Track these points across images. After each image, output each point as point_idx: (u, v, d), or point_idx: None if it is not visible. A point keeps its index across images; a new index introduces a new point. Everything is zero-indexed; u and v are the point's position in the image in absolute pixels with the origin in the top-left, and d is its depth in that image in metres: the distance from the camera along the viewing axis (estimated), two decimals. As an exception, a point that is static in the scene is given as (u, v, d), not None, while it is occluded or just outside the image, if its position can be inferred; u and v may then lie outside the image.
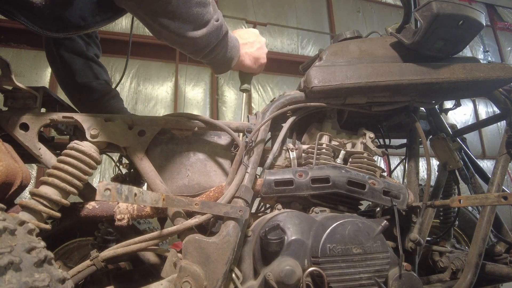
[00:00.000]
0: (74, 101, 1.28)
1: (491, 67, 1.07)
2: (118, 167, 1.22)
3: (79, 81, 1.23)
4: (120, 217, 0.87)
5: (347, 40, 1.15)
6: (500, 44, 7.26)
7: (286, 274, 0.77)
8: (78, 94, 1.27)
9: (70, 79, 1.24)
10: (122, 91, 4.61)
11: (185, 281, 0.75)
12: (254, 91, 5.18)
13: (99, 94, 1.28)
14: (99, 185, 0.62)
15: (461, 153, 1.31)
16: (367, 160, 1.02)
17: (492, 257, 1.19)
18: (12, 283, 0.46)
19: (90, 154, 0.86)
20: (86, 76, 1.25)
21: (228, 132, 0.99)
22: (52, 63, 1.25)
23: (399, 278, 0.86)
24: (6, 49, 4.20)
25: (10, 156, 0.81)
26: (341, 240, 0.83)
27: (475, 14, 0.97)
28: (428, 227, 1.12)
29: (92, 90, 1.26)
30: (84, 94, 1.26)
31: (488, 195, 0.88)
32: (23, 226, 0.58)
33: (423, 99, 1.11)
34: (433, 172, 1.22)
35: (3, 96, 0.94)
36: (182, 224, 0.83)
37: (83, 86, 1.25)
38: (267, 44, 1.08)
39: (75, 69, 1.23)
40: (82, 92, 1.26)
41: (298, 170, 0.95)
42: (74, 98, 1.29)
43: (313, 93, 1.01)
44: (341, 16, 6.30)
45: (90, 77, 1.26)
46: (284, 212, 0.89)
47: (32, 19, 0.85)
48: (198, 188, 1.00)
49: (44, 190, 0.79)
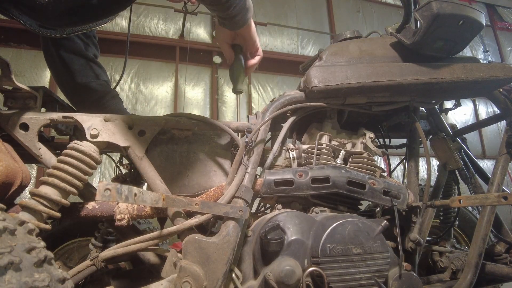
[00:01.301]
0: (73, 102, 1.28)
1: (491, 67, 1.07)
2: (118, 168, 1.22)
3: (79, 81, 1.23)
4: (120, 217, 0.87)
5: (347, 40, 1.15)
6: (500, 44, 7.26)
7: (286, 274, 0.77)
8: (77, 95, 1.27)
9: (69, 79, 1.23)
10: (122, 91, 4.61)
11: (185, 281, 0.75)
12: (254, 91, 5.18)
13: (99, 94, 1.27)
14: (99, 185, 0.62)
15: (461, 153, 1.31)
16: (367, 160, 1.02)
17: (492, 257, 1.19)
18: (12, 283, 0.46)
19: (90, 154, 0.86)
20: (86, 76, 1.25)
21: (228, 132, 0.99)
22: (51, 64, 1.24)
23: (399, 278, 0.86)
24: (6, 49, 4.20)
25: (10, 156, 0.81)
26: (341, 240, 0.83)
27: (475, 14, 0.97)
28: (428, 227, 1.12)
29: (92, 91, 1.26)
30: (84, 94, 1.26)
31: (488, 195, 0.88)
32: (23, 226, 0.58)
33: (423, 99, 1.11)
34: (433, 172, 1.22)
35: (3, 96, 0.94)
36: (182, 224, 0.83)
37: (83, 87, 1.24)
38: (267, 44, 1.09)
39: (74, 69, 1.22)
40: (82, 93, 1.26)
41: (298, 170, 0.95)
42: (73, 99, 1.28)
43: (313, 93, 1.01)
44: (341, 16, 6.30)
45: (90, 77, 1.26)
46: (284, 212, 0.89)
47: (34, 16, 0.84)
48: (198, 188, 1.00)
49: (44, 190, 0.79)
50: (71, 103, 1.27)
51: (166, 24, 5.16)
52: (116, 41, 4.37)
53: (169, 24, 5.18)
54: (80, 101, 1.28)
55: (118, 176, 1.22)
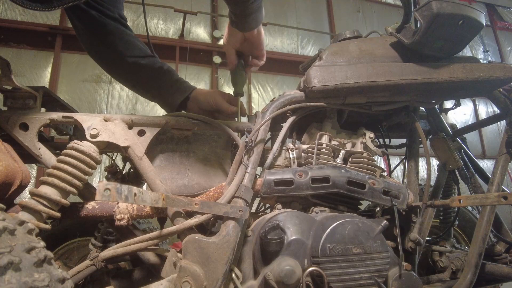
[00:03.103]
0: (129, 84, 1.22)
1: (491, 67, 1.07)
2: (113, 161, 1.22)
3: (128, 61, 1.16)
4: (120, 217, 0.87)
5: (347, 40, 1.15)
6: (500, 44, 7.27)
7: (286, 274, 0.77)
8: (133, 77, 1.21)
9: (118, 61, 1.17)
10: (122, 91, 4.61)
11: (185, 281, 0.75)
12: (254, 91, 5.18)
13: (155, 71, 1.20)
14: (99, 185, 0.62)
15: (461, 153, 1.31)
16: (367, 160, 1.02)
17: (492, 257, 1.19)
18: (12, 283, 0.46)
19: (90, 154, 0.86)
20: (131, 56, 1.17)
21: (228, 132, 0.99)
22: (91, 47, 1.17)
23: (399, 278, 0.86)
24: (6, 49, 4.20)
25: (10, 156, 0.81)
26: (341, 240, 0.83)
27: (475, 14, 0.97)
28: (428, 227, 1.12)
29: (145, 68, 1.18)
30: (140, 74, 1.19)
31: (488, 195, 0.88)
32: (23, 226, 0.58)
33: (423, 99, 1.11)
34: (433, 172, 1.22)
35: (3, 96, 0.94)
36: (182, 224, 0.83)
37: (135, 67, 1.17)
38: (267, 44, 1.09)
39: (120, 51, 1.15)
40: (138, 74, 1.19)
41: (298, 170, 0.95)
42: (128, 81, 1.22)
43: (313, 93, 1.01)
44: (341, 16, 6.31)
45: (136, 55, 1.18)
46: (284, 212, 0.89)
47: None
48: (198, 188, 1.00)
49: (44, 190, 0.79)
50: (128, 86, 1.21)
51: (166, 24, 5.17)
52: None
53: (169, 24, 5.18)
54: (136, 82, 1.21)
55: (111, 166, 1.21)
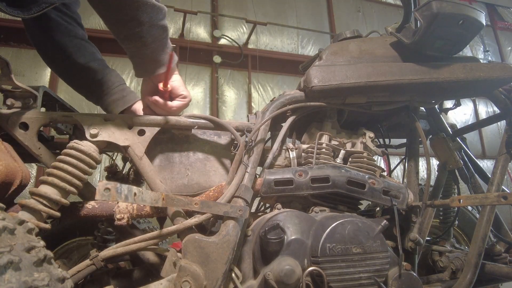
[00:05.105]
0: (75, 85, 1.23)
1: (491, 66, 1.07)
2: (113, 161, 1.22)
3: (78, 62, 1.17)
4: (120, 216, 0.87)
5: (347, 40, 1.15)
6: (500, 44, 7.27)
7: (286, 274, 0.77)
8: (78, 78, 1.21)
9: (66, 61, 1.17)
10: (122, 91, 4.59)
11: (184, 281, 0.75)
12: (254, 91, 5.18)
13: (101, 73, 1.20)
14: (98, 184, 0.62)
15: (461, 153, 1.31)
16: (367, 159, 1.02)
17: (492, 257, 1.19)
18: (12, 282, 0.46)
19: (89, 153, 0.86)
20: (83, 56, 1.18)
21: (230, 130, 0.98)
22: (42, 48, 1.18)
23: (399, 277, 0.86)
24: (6, 48, 4.20)
25: (10, 156, 0.81)
26: (340, 240, 0.83)
27: (475, 14, 0.97)
28: (428, 227, 1.12)
29: (92, 70, 1.19)
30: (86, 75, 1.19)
31: (488, 195, 0.88)
32: (23, 226, 0.58)
33: (423, 99, 1.11)
34: (433, 172, 1.22)
35: (3, 95, 0.94)
36: (182, 224, 0.83)
37: (82, 68, 1.18)
38: (267, 44, 1.09)
39: (70, 51, 1.16)
40: (83, 75, 1.19)
41: (298, 169, 0.95)
42: (73, 82, 1.23)
43: (313, 93, 1.01)
44: (341, 15, 6.30)
45: (87, 57, 1.19)
46: (284, 212, 0.89)
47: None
48: (198, 188, 1.00)
49: (43, 189, 0.79)
50: (73, 87, 1.22)
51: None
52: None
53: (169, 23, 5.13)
54: (83, 84, 1.21)
55: (112, 166, 1.21)
